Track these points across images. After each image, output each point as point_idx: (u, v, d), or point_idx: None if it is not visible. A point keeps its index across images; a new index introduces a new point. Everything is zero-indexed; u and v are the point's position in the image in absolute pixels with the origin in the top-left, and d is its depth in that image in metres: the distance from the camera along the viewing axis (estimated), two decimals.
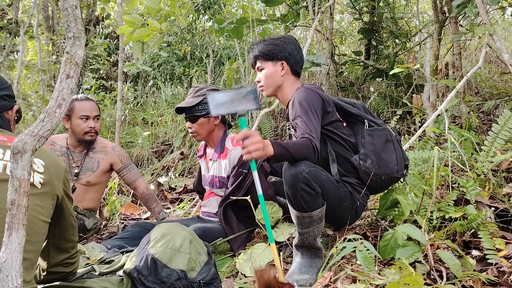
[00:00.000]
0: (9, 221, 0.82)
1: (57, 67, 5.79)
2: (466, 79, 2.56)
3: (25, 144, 0.84)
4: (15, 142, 0.84)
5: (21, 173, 0.84)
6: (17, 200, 0.83)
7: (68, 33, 0.94)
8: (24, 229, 0.84)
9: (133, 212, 3.19)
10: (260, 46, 1.92)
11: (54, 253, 1.31)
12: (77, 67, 0.94)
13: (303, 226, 1.66)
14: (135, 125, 5.31)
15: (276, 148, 1.51)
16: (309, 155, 1.61)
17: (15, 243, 0.82)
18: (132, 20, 2.64)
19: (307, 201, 1.61)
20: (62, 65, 0.93)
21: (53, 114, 0.90)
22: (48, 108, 0.90)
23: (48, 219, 1.19)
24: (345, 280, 1.57)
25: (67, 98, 0.92)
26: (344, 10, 5.21)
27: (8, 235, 0.82)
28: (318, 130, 1.70)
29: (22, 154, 0.84)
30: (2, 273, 0.81)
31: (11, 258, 0.81)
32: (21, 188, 0.84)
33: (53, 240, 1.29)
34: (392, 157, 1.78)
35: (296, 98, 1.77)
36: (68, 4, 0.93)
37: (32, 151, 0.85)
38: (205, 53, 5.83)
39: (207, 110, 2.14)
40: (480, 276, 1.41)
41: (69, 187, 1.32)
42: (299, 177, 1.57)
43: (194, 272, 1.30)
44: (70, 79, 0.93)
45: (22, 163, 0.84)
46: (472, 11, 2.62)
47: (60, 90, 0.92)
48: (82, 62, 0.97)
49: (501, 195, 1.96)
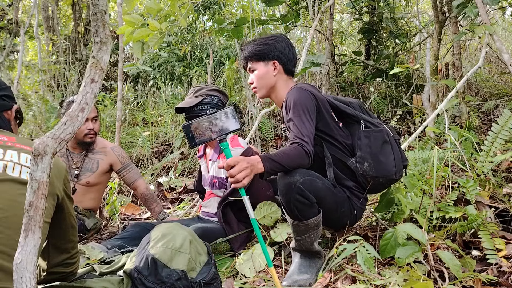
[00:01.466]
0: (26, 223, 0.83)
1: (57, 67, 5.79)
2: (466, 79, 2.56)
3: (46, 146, 0.85)
4: (36, 144, 0.85)
5: (40, 175, 0.84)
6: (35, 202, 0.83)
7: (96, 38, 0.93)
8: (40, 231, 0.84)
9: (133, 212, 3.19)
10: (250, 46, 1.86)
11: (54, 253, 1.31)
12: (102, 72, 0.94)
13: (299, 233, 1.64)
14: (135, 125, 5.31)
15: (266, 164, 1.47)
16: (302, 162, 1.56)
17: (30, 245, 0.82)
18: (132, 20, 2.64)
19: (302, 210, 1.58)
20: (87, 69, 0.93)
21: (75, 117, 0.90)
22: (71, 112, 0.90)
23: (48, 220, 1.19)
24: (345, 280, 1.57)
25: (90, 102, 0.92)
26: (344, 10, 5.21)
27: (24, 236, 0.82)
28: (312, 132, 1.63)
29: (43, 156, 0.84)
30: (16, 275, 0.81)
31: (26, 260, 0.81)
32: (39, 191, 0.84)
33: (53, 240, 1.29)
34: (390, 159, 1.71)
35: (289, 100, 1.71)
36: (97, 9, 0.92)
37: (52, 153, 0.85)
38: (205, 53, 5.83)
39: (207, 111, 2.14)
40: (480, 276, 1.41)
41: (69, 187, 1.32)
42: (293, 188, 1.54)
43: (194, 272, 1.30)
44: (95, 84, 0.93)
45: (42, 166, 0.84)
46: (472, 11, 2.62)
47: (84, 94, 0.92)
48: (106, 66, 0.97)
49: (501, 195, 1.96)
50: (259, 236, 1.41)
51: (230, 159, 1.41)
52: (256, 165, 1.44)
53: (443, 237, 1.68)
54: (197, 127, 1.39)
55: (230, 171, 1.40)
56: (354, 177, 1.75)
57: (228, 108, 1.42)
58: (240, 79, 4.77)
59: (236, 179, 1.38)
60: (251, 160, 1.44)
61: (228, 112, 1.41)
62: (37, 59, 6.12)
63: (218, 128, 1.39)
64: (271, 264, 1.41)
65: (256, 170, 1.44)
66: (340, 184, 1.75)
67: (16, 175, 1.15)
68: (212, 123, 1.39)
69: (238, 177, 1.38)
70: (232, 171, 1.39)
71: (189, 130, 1.39)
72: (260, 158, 1.47)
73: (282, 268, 1.81)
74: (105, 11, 0.93)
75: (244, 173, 1.39)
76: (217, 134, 1.40)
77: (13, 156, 1.19)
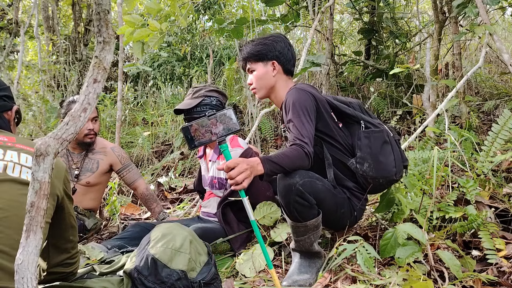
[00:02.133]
0: (27, 223, 0.83)
1: (57, 67, 5.79)
2: (466, 79, 2.56)
3: (48, 147, 0.84)
4: (38, 144, 0.84)
5: (42, 176, 0.84)
6: (36, 202, 0.83)
7: (99, 37, 0.92)
8: (41, 231, 0.84)
9: (133, 212, 3.19)
10: (249, 47, 1.84)
11: (54, 253, 1.31)
12: (105, 72, 0.93)
13: (299, 234, 1.64)
14: (135, 125, 5.31)
15: (266, 165, 1.46)
16: (302, 163, 1.55)
17: (32, 245, 0.82)
18: (132, 20, 2.64)
19: (301, 212, 1.57)
20: (90, 69, 0.92)
21: (77, 118, 0.89)
22: (73, 112, 0.90)
23: (48, 220, 1.19)
24: (345, 280, 1.57)
25: (92, 102, 0.91)
26: (344, 10, 5.21)
27: (26, 237, 0.82)
28: (311, 133, 1.62)
29: (45, 156, 0.84)
30: (18, 275, 0.81)
31: (28, 260, 0.81)
32: (41, 191, 0.83)
33: (53, 240, 1.29)
34: (390, 159, 1.70)
35: (288, 101, 1.69)
36: (100, 9, 0.91)
37: (54, 154, 0.85)
38: (205, 53, 5.84)
39: (206, 112, 2.14)
40: (480, 276, 1.41)
41: (70, 187, 1.32)
42: (293, 189, 1.53)
43: (194, 272, 1.30)
44: (97, 84, 0.92)
45: (44, 166, 0.84)
46: (472, 11, 2.62)
47: (86, 94, 0.91)
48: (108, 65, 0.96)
49: (501, 195, 1.96)
50: (259, 238, 1.40)
51: (230, 161, 1.40)
52: (255, 167, 1.43)
53: (443, 237, 1.68)
54: (196, 129, 1.39)
55: (229, 173, 1.39)
56: (354, 178, 1.73)
57: (227, 109, 1.41)
58: (240, 79, 4.77)
59: (236, 181, 1.37)
60: (251, 161, 1.43)
61: (227, 113, 1.40)
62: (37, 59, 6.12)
63: (218, 129, 1.39)
64: (271, 266, 1.41)
65: (256, 171, 1.43)
66: (340, 184, 1.73)
67: (16, 175, 1.15)
68: (211, 125, 1.39)
69: (237, 179, 1.37)
70: (231, 173, 1.38)
71: (188, 132, 1.38)
72: (260, 159, 1.46)
73: (282, 268, 1.81)
74: (108, 11, 0.93)
75: (243, 175, 1.38)
76: (216, 136, 1.40)
77: (13, 156, 1.19)
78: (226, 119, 1.40)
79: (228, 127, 1.40)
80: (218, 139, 1.39)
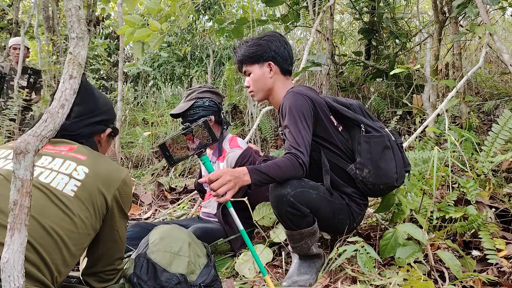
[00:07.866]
0: (11, 221, 0.83)
1: (57, 67, 5.79)
2: (466, 79, 2.56)
3: (28, 144, 0.84)
4: (17, 142, 0.85)
5: (23, 174, 0.84)
6: (19, 200, 0.83)
7: (72, 33, 0.93)
8: (26, 229, 0.84)
9: (133, 212, 3.18)
10: (243, 49, 1.76)
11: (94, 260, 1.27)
12: (80, 68, 0.93)
13: (295, 241, 1.61)
14: (135, 125, 5.32)
15: (253, 176, 1.41)
16: (294, 174, 1.50)
17: (17, 244, 0.82)
18: (133, 20, 2.64)
19: (295, 221, 1.54)
20: (65, 65, 0.93)
21: (56, 114, 0.89)
22: (51, 109, 0.90)
23: (90, 231, 1.15)
24: (345, 280, 1.57)
25: (70, 98, 0.91)
26: (344, 10, 5.21)
27: (11, 235, 0.82)
28: (308, 141, 1.56)
29: (25, 154, 0.84)
30: (4, 273, 0.81)
31: (13, 259, 0.81)
32: (23, 189, 0.84)
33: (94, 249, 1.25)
34: (391, 165, 1.63)
35: (285, 105, 1.61)
36: (71, 5, 0.92)
37: (34, 151, 0.85)
38: (205, 53, 5.84)
39: (199, 114, 2.14)
40: (480, 277, 1.41)
41: (125, 201, 1.25)
42: (283, 200, 1.49)
43: (194, 275, 1.29)
44: (73, 80, 0.92)
45: (25, 164, 0.84)
46: (472, 11, 2.62)
47: (63, 90, 0.91)
48: None
49: (502, 195, 1.96)
50: (250, 247, 1.38)
51: (212, 173, 1.37)
52: (241, 177, 1.40)
53: (443, 237, 1.67)
54: (170, 144, 1.37)
55: (211, 185, 1.36)
56: (353, 184, 1.68)
57: (201, 121, 1.39)
58: (240, 79, 4.78)
59: (217, 194, 1.35)
60: (236, 172, 1.40)
61: (202, 125, 1.38)
62: (37, 59, 6.12)
63: (194, 144, 1.37)
64: (265, 273, 1.40)
65: (242, 182, 1.40)
66: (338, 190, 1.68)
67: (47, 182, 1.13)
68: (186, 140, 1.37)
69: (219, 191, 1.35)
70: (213, 185, 1.36)
71: (166, 149, 1.35)
72: (247, 169, 1.43)
73: (282, 268, 1.81)
74: (79, 6, 0.93)
75: (225, 187, 1.35)
76: (194, 151, 1.38)
77: (57, 164, 1.17)
78: (201, 132, 1.38)
79: (204, 140, 1.37)
80: (196, 152, 1.37)
